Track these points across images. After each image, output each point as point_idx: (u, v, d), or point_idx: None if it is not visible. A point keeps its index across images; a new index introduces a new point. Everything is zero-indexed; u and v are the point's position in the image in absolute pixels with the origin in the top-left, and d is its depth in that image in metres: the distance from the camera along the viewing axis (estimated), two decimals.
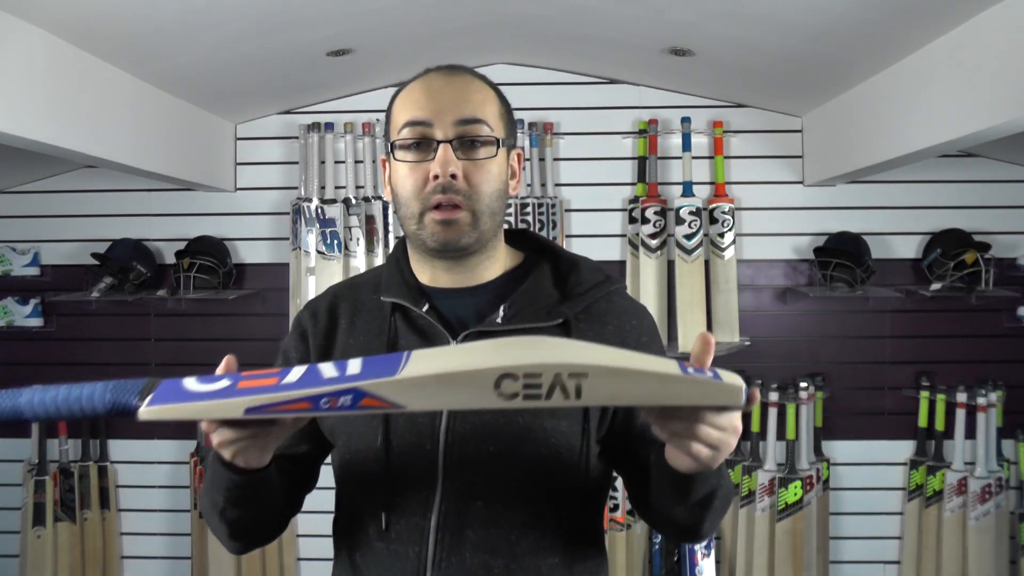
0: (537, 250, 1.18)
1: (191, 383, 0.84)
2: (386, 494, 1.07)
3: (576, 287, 1.12)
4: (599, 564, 1.15)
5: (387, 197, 1.14)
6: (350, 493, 1.13)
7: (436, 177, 1.04)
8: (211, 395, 0.81)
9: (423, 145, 1.06)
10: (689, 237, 3.07)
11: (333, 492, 1.16)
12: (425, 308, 1.10)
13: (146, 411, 0.81)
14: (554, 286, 1.12)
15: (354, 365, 0.82)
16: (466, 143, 1.06)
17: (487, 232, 1.08)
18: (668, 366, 0.79)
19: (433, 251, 1.09)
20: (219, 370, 0.88)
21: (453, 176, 1.04)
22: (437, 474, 1.05)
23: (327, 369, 0.83)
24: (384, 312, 1.13)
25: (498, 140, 1.08)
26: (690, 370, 0.81)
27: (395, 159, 1.08)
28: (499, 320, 1.08)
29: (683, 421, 0.85)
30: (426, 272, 1.13)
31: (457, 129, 1.05)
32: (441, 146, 1.04)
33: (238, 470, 0.96)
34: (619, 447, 1.11)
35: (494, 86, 1.13)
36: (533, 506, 1.06)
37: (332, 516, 1.17)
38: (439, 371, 0.78)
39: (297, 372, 0.83)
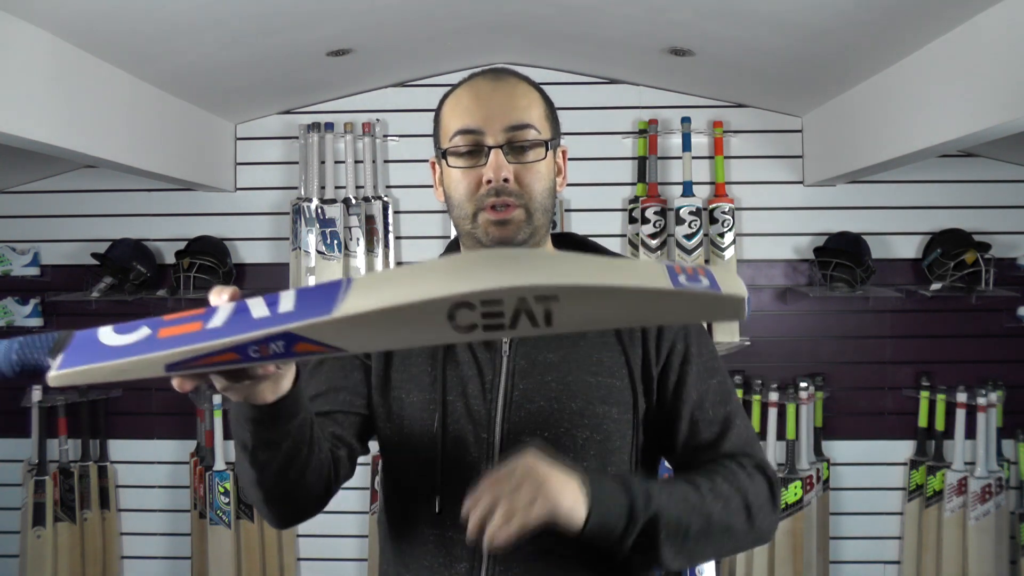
0: (581, 248, 1.24)
1: (107, 335, 0.71)
2: (440, 479, 1.09)
3: None
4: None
5: (439, 199, 1.18)
6: (401, 480, 1.15)
7: (489, 181, 1.09)
8: (128, 350, 0.69)
9: (475, 151, 1.10)
10: (689, 237, 3.06)
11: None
12: None
13: (55, 376, 0.69)
14: None
15: (287, 299, 0.72)
16: (515, 147, 1.10)
17: (540, 228, 1.13)
18: (655, 277, 0.68)
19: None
20: (218, 298, 0.77)
21: (506, 180, 1.09)
22: (493, 460, 1.08)
23: (257, 307, 0.72)
24: None
25: (546, 142, 1.12)
26: (681, 278, 0.69)
27: (448, 165, 1.12)
28: None
29: None
30: None
31: (507, 135, 1.10)
32: (492, 152, 1.09)
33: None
34: (667, 431, 1.14)
35: (538, 87, 1.18)
36: None
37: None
38: (381, 306, 0.67)
39: (224, 312, 0.72)
